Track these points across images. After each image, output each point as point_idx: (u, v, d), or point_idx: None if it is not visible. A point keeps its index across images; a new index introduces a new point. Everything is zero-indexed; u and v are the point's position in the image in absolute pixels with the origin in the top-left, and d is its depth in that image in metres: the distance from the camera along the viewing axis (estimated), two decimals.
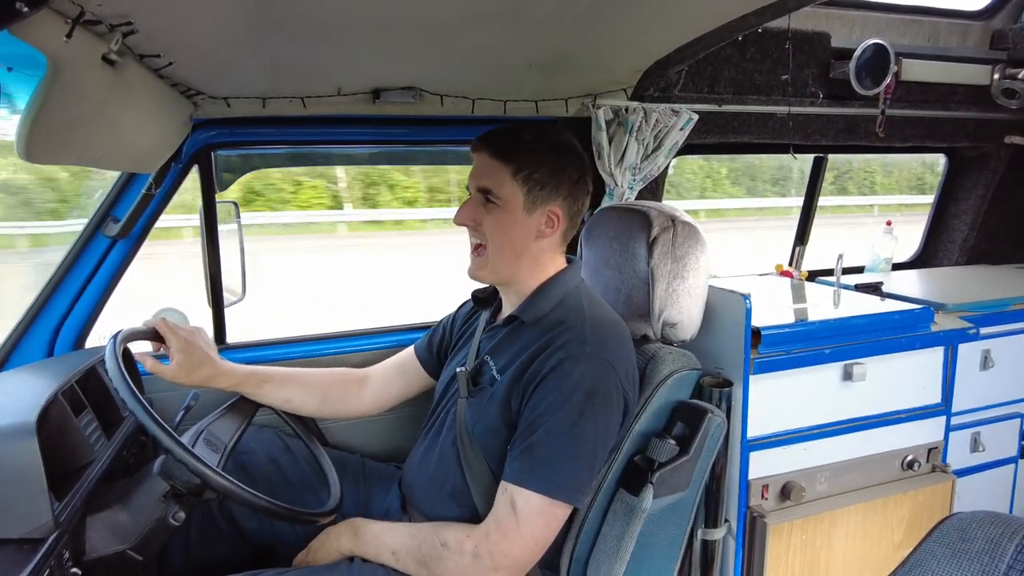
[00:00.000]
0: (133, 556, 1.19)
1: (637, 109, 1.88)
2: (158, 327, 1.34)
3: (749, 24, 1.43)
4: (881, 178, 13.18)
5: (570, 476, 1.17)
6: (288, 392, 1.49)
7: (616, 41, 1.52)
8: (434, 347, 1.58)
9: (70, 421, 1.22)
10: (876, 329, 1.76)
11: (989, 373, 2.02)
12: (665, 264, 1.45)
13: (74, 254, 1.63)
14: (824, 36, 2.15)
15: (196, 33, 1.17)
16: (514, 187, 1.26)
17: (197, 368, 1.36)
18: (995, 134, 2.58)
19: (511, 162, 1.26)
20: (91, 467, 1.23)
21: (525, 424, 1.20)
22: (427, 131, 1.90)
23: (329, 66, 1.49)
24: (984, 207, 2.76)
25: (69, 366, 1.38)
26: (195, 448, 1.24)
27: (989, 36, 2.51)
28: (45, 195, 4.24)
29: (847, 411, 1.74)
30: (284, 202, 9.82)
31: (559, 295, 1.32)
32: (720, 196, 12.12)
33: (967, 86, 2.40)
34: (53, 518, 1.04)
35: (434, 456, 1.38)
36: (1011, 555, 0.69)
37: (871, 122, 2.29)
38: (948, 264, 2.88)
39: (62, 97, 0.90)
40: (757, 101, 2.10)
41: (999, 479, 2.15)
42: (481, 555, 1.18)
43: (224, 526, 1.49)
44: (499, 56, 1.51)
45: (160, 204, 1.67)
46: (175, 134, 1.56)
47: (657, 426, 1.39)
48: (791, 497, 1.66)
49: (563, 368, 1.19)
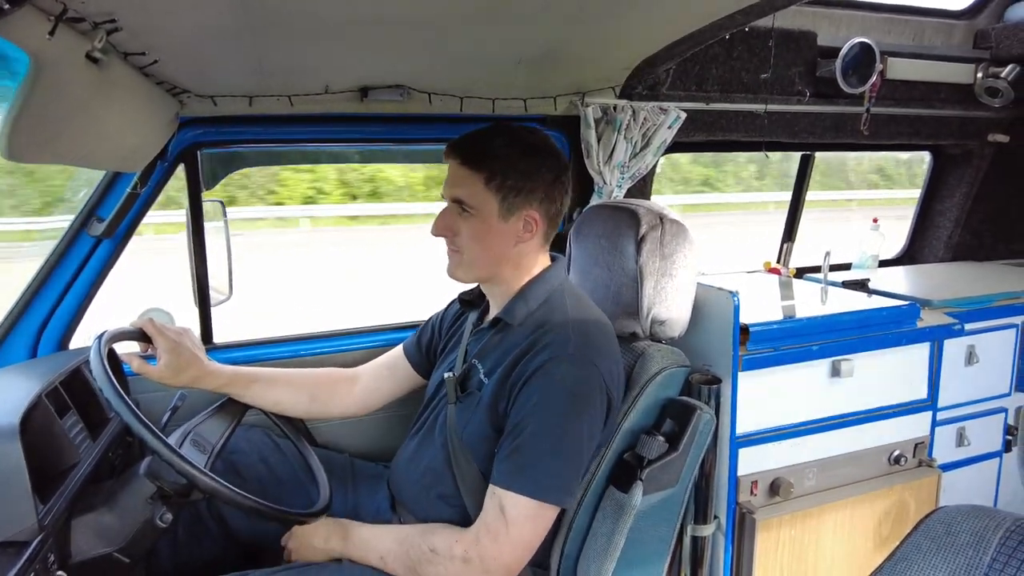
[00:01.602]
0: (120, 558, 1.18)
1: (625, 107, 1.88)
2: (145, 327, 1.33)
3: (736, 23, 1.44)
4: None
5: (557, 478, 1.18)
6: (277, 393, 1.49)
7: (605, 39, 1.52)
8: (423, 346, 1.57)
9: (54, 423, 1.21)
10: (863, 325, 1.78)
11: (974, 368, 2.04)
12: (653, 262, 1.46)
13: (58, 254, 1.61)
14: (810, 35, 2.17)
15: (181, 31, 1.16)
16: (487, 195, 1.24)
17: (184, 369, 1.34)
18: (979, 132, 2.61)
19: (483, 169, 1.24)
20: (76, 469, 1.22)
21: (511, 426, 1.20)
22: (415, 129, 1.89)
23: (317, 64, 1.48)
24: (968, 204, 2.79)
25: (53, 367, 1.36)
26: (182, 449, 1.24)
27: (972, 35, 2.54)
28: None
29: (835, 407, 1.75)
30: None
31: (543, 295, 1.31)
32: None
33: (951, 84, 2.42)
34: (38, 521, 1.03)
35: (423, 458, 1.38)
36: (995, 547, 0.70)
37: (857, 120, 2.31)
38: (933, 261, 2.91)
39: (45, 96, 0.89)
40: (744, 99, 2.11)
41: (984, 473, 2.17)
42: (471, 559, 1.18)
43: (213, 526, 1.48)
44: (488, 54, 1.51)
45: (145, 203, 1.65)
46: (161, 133, 1.54)
47: (646, 423, 1.40)
48: (780, 493, 1.67)
49: (546, 369, 1.19)
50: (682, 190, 11.37)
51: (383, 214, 10.35)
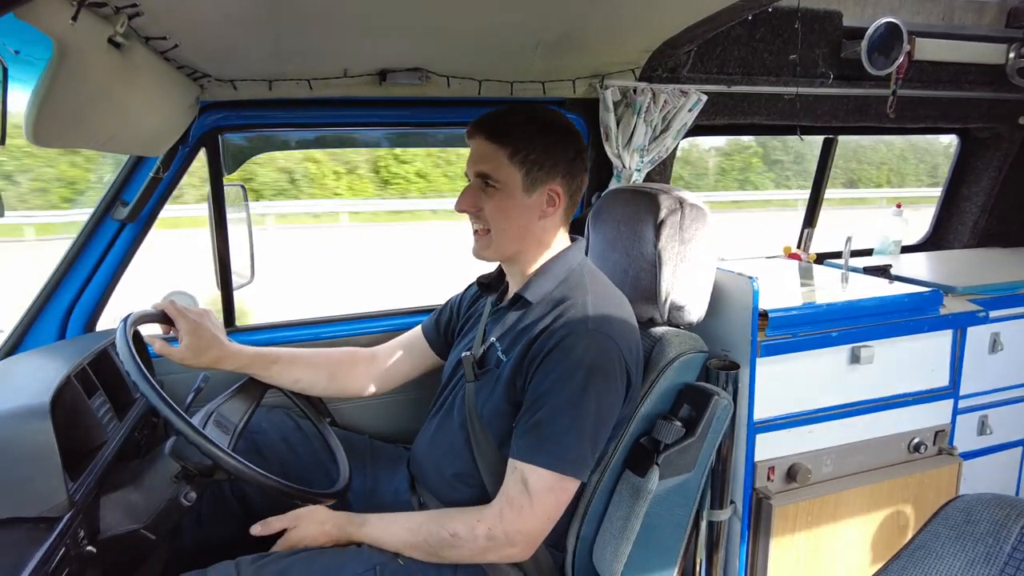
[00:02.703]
0: (146, 535, 1.21)
1: (645, 90, 1.86)
2: (167, 309, 1.35)
3: (759, 3, 1.41)
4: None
5: (577, 451, 1.19)
6: (296, 372, 1.50)
7: (625, 20, 1.50)
8: (441, 327, 1.59)
9: (83, 403, 1.24)
10: (884, 312, 1.75)
11: (998, 356, 2.01)
12: (672, 247, 1.45)
13: (84, 238, 1.64)
14: (836, 15, 2.12)
15: (202, 15, 1.16)
16: (512, 169, 1.27)
17: (205, 350, 1.36)
18: (1009, 115, 2.54)
19: (507, 144, 1.26)
20: (104, 448, 1.25)
21: (530, 401, 1.21)
22: (434, 113, 1.89)
23: (335, 48, 1.48)
24: (996, 189, 2.73)
25: (81, 349, 1.39)
26: (206, 430, 1.26)
27: (1006, 14, 2.46)
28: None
29: (854, 394, 1.74)
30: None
31: (563, 273, 1.33)
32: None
33: (981, 65, 2.36)
34: (68, 497, 1.06)
35: (443, 438, 1.39)
36: (1015, 537, 0.70)
37: (882, 103, 2.26)
38: (958, 247, 2.85)
39: (69, 81, 0.90)
40: (766, 82, 2.08)
41: (1006, 462, 2.15)
42: (496, 535, 1.20)
43: (235, 506, 1.51)
44: (506, 36, 1.50)
45: (168, 187, 1.67)
46: (182, 117, 1.56)
47: (663, 408, 1.40)
48: (797, 479, 1.66)
49: (566, 344, 1.20)
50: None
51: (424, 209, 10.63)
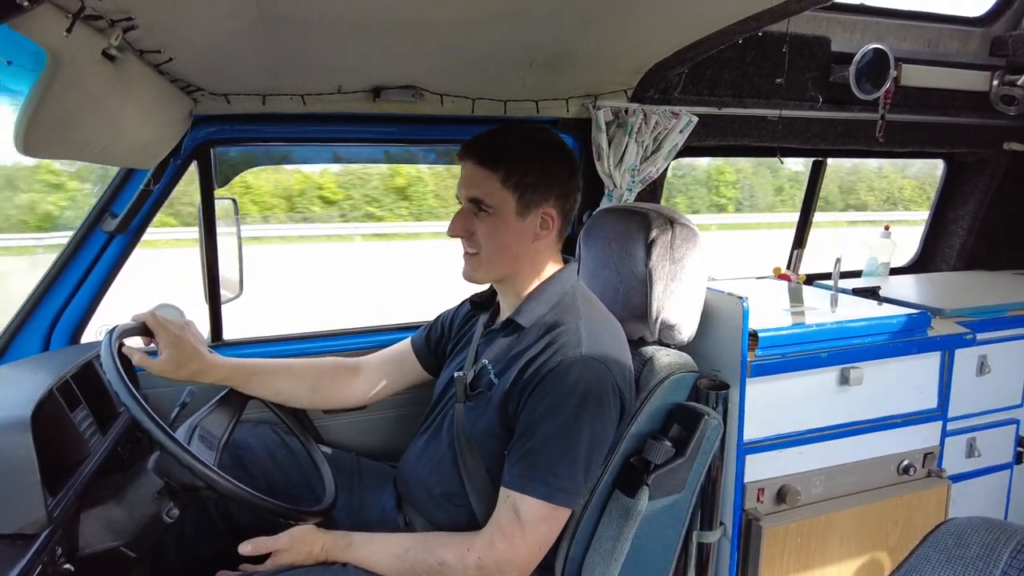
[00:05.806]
0: (126, 552, 1.18)
1: (637, 111, 1.88)
2: (148, 321, 1.33)
3: (749, 28, 1.43)
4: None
5: (570, 480, 1.17)
6: (278, 383, 1.48)
7: (617, 42, 1.52)
8: (432, 343, 1.57)
9: (65, 416, 1.22)
10: (873, 333, 1.76)
11: (985, 379, 2.02)
12: (663, 266, 1.45)
13: (71, 249, 1.62)
14: (824, 40, 2.16)
15: (197, 29, 1.17)
16: (505, 193, 1.25)
17: (185, 363, 1.34)
18: (994, 140, 2.59)
19: (499, 168, 1.24)
20: (86, 462, 1.23)
21: (523, 428, 1.20)
22: (427, 130, 1.89)
23: (329, 64, 1.49)
24: (982, 213, 2.76)
25: (65, 361, 1.37)
26: (191, 445, 1.24)
27: (989, 42, 2.51)
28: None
29: (843, 415, 1.74)
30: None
31: (555, 297, 1.31)
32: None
33: (966, 92, 2.40)
34: (47, 513, 1.03)
35: (431, 457, 1.38)
36: (1005, 561, 0.70)
37: (870, 126, 2.29)
38: (946, 269, 2.88)
39: (62, 92, 0.90)
40: (756, 104, 2.10)
41: (994, 485, 2.15)
42: (486, 565, 1.17)
43: (219, 522, 1.48)
44: (500, 55, 1.51)
45: (158, 200, 1.66)
46: (174, 130, 1.55)
47: (653, 428, 1.39)
48: (787, 500, 1.66)
49: (559, 371, 1.18)
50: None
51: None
